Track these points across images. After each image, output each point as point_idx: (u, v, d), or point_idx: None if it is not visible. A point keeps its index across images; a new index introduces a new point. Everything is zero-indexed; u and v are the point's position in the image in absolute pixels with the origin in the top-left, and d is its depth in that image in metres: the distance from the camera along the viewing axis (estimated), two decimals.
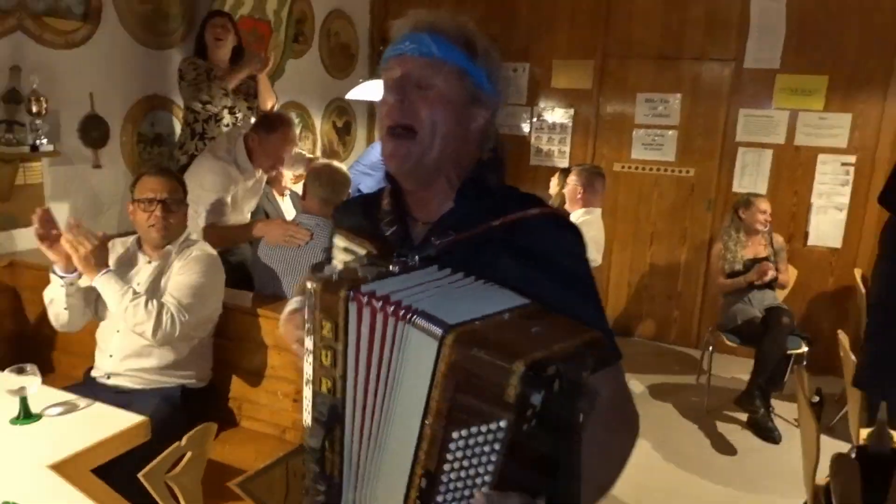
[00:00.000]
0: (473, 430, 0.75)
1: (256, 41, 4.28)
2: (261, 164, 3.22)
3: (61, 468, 1.60)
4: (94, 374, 2.35)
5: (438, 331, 0.77)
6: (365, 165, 4.36)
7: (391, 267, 0.94)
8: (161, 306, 2.19)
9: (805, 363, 3.79)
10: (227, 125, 3.53)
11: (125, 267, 2.36)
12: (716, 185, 4.66)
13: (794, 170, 4.44)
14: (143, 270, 2.36)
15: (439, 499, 0.80)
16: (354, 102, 5.20)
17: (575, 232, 1.06)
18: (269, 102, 3.80)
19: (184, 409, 2.29)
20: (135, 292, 2.19)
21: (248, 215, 3.41)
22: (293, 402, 2.40)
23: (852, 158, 4.29)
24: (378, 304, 0.85)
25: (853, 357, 2.56)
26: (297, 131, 4.84)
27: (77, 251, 2.11)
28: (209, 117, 3.47)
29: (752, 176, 4.54)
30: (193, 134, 3.48)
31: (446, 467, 0.78)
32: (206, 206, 3.05)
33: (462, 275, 0.95)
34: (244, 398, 2.51)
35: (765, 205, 3.94)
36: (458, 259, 1.00)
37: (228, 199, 3.13)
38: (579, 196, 3.77)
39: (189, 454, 1.66)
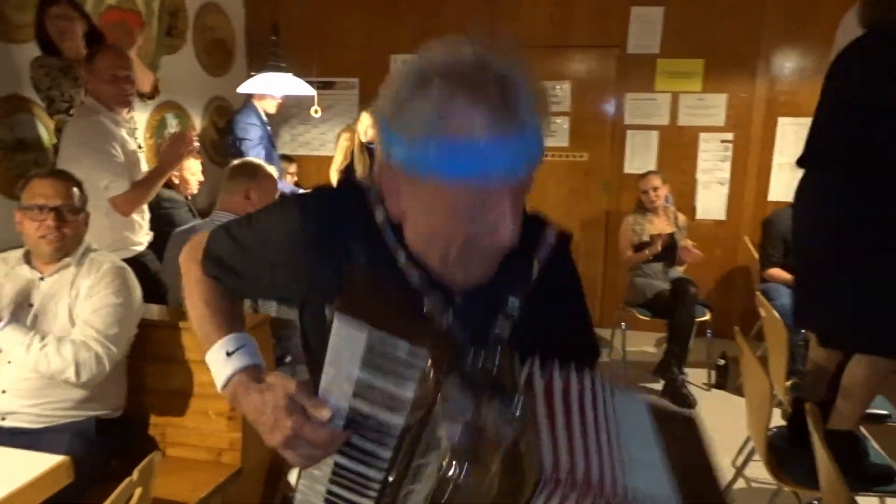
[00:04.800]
0: None
1: (125, 35, 3.86)
2: (109, 93, 2.75)
3: None
4: None
5: None
6: (249, 123, 4.26)
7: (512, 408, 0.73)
8: (76, 346, 1.90)
9: (710, 331, 4.01)
10: None
11: (11, 288, 2.01)
12: (608, 167, 4.82)
13: (679, 149, 4.68)
14: (36, 290, 2.02)
15: None
16: (237, 99, 4.86)
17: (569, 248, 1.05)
18: (147, 82, 3.43)
19: (100, 443, 1.99)
20: (41, 338, 1.89)
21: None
22: (228, 419, 2.15)
23: (730, 136, 4.59)
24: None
25: (775, 313, 2.70)
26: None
27: None
28: None
29: (641, 157, 4.73)
30: None
31: None
32: (103, 173, 2.61)
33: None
34: (167, 423, 2.22)
35: (646, 183, 4.07)
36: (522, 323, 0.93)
37: (119, 150, 2.70)
38: None
39: (140, 490, 1.41)
